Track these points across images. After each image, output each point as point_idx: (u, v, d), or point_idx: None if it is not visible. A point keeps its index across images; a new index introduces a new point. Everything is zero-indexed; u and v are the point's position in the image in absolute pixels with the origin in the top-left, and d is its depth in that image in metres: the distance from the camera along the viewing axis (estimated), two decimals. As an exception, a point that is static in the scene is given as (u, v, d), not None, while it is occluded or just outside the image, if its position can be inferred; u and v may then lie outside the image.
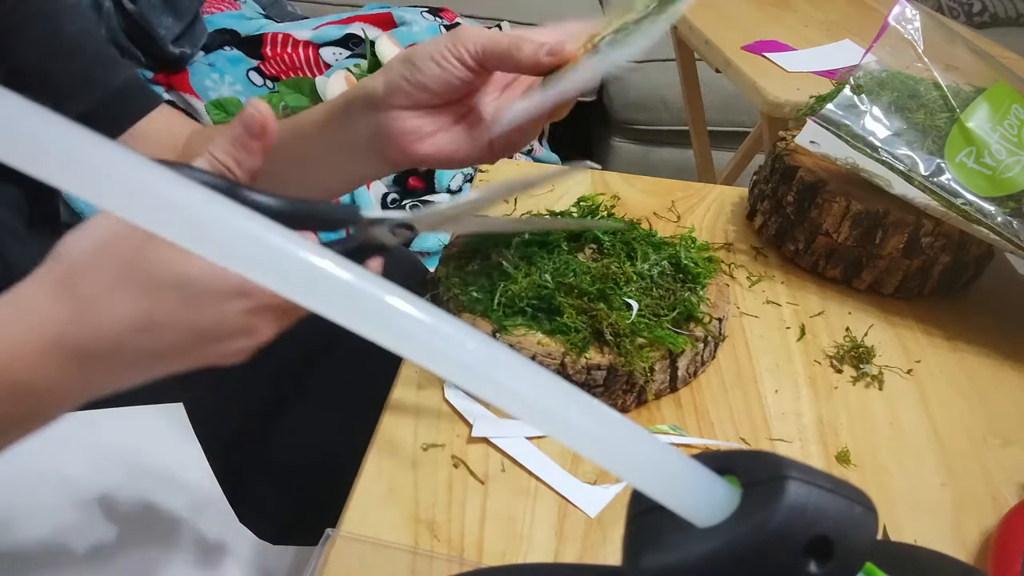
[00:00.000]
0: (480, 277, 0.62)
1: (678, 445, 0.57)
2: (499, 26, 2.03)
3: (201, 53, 1.73)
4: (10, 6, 0.61)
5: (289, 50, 1.72)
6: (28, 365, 0.37)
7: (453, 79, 0.52)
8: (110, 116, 0.66)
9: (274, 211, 0.43)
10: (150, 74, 1.67)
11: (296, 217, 0.45)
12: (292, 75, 1.69)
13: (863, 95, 0.71)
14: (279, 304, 0.40)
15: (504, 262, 0.62)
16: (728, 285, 0.66)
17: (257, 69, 1.70)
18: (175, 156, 0.68)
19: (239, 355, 0.42)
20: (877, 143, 0.69)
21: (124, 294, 0.37)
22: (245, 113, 0.41)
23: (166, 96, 1.55)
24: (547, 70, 0.53)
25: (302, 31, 1.75)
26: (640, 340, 0.57)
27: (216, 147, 0.42)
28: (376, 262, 0.47)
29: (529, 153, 1.68)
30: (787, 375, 0.65)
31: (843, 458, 0.58)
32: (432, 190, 1.47)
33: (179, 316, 0.38)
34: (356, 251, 0.48)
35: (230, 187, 0.41)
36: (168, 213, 0.25)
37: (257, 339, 0.41)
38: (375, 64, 1.63)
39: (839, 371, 0.66)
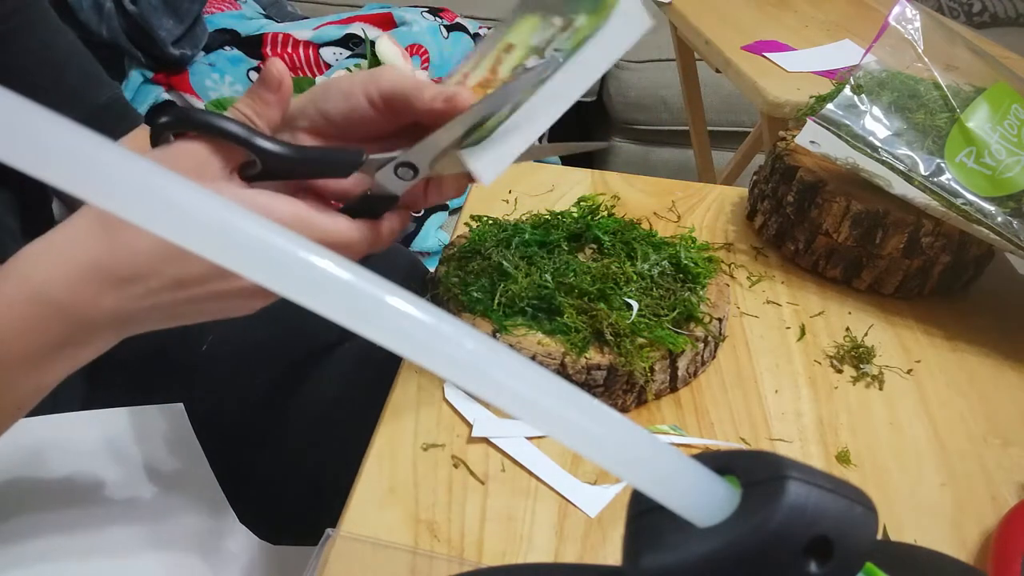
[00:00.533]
0: (480, 277, 0.62)
1: (678, 445, 0.57)
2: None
3: (201, 53, 1.73)
4: (8, 10, 0.61)
5: (289, 50, 1.72)
6: (66, 285, 0.40)
7: (355, 114, 0.51)
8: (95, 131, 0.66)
9: (284, 157, 0.46)
10: (151, 73, 1.68)
11: (306, 162, 0.47)
12: (292, 75, 1.69)
13: (863, 95, 0.71)
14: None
15: (504, 262, 0.62)
16: (728, 285, 0.66)
17: (257, 69, 1.70)
18: None
19: (256, 297, 0.44)
20: (877, 143, 0.69)
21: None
22: (264, 70, 0.47)
23: (166, 96, 1.55)
24: (442, 117, 0.50)
25: (302, 31, 1.75)
26: (640, 340, 0.57)
27: (240, 101, 0.47)
28: (394, 219, 0.50)
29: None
30: (787, 375, 0.65)
31: (843, 458, 0.58)
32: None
33: None
34: (365, 203, 0.49)
35: (248, 132, 0.45)
36: (167, 212, 0.25)
37: None
38: (375, 64, 1.63)
39: (839, 371, 0.66)
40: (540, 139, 0.53)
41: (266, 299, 0.46)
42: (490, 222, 0.69)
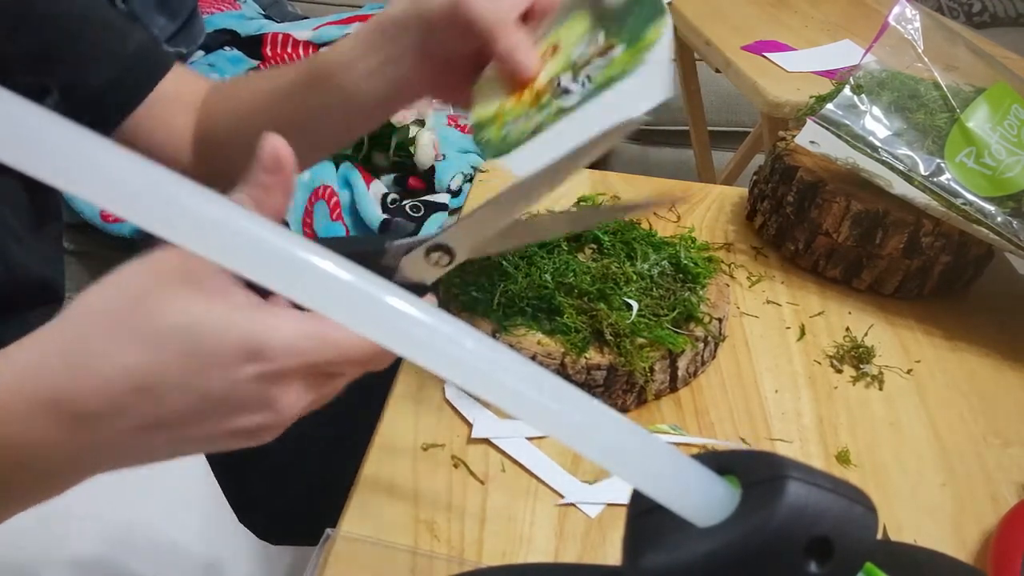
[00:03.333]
0: (480, 277, 0.62)
1: (678, 445, 0.57)
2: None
3: (201, 53, 1.73)
4: None
5: (289, 50, 1.72)
6: (19, 419, 0.34)
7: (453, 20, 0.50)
8: (129, 85, 0.65)
9: None
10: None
11: None
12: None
13: (863, 95, 0.71)
14: (303, 370, 0.35)
15: (504, 262, 0.62)
16: (728, 285, 0.66)
17: (257, 69, 1.70)
18: (195, 116, 0.68)
19: (260, 434, 0.37)
20: (877, 143, 0.69)
21: (122, 346, 0.33)
22: (260, 150, 0.38)
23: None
24: (503, 69, 0.51)
25: (302, 31, 1.75)
26: (640, 340, 0.57)
27: (239, 189, 0.39)
28: (430, 297, 0.42)
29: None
30: (787, 375, 0.65)
31: (843, 458, 0.58)
32: (432, 190, 1.47)
33: (182, 375, 0.33)
34: None
35: None
36: (167, 213, 0.25)
37: (278, 415, 0.36)
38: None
39: (839, 371, 0.66)
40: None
41: (268, 436, 0.38)
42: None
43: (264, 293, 0.36)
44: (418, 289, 0.42)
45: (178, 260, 0.34)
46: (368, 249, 0.41)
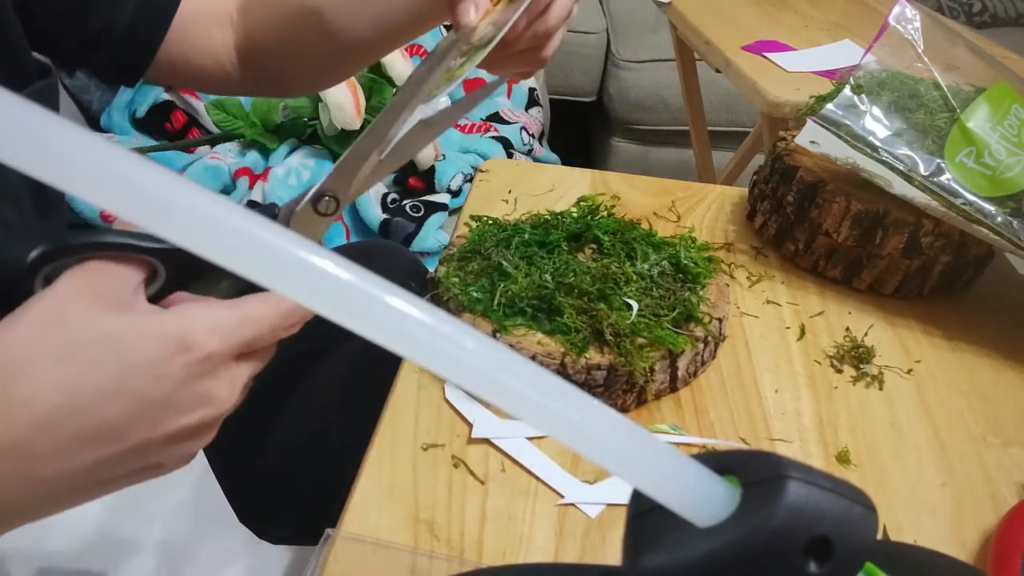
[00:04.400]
0: (480, 277, 0.62)
1: (678, 445, 0.57)
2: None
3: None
4: None
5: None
6: None
7: None
8: (151, 15, 0.64)
9: (183, 251, 0.38)
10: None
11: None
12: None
13: (863, 95, 0.71)
14: (230, 353, 0.34)
15: (504, 262, 0.62)
16: (728, 285, 0.66)
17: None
18: (231, 28, 0.67)
19: (200, 434, 0.35)
20: (877, 143, 0.69)
21: (42, 366, 0.31)
22: None
23: (165, 95, 1.55)
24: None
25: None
26: (640, 340, 0.57)
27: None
28: None
29: (529, 153, 1.68)
30: (787, 375, 0.65)
31: (843, 458, 0.58)
32: (432, 190, 1.47)
33: (111, 381, 0.32)
34: None
35: (133, 236, 0.36)
36: (167, 213, 0.25)
37: (216, 408, 0.35)
38: (375, 64, 1.63)
39: (839, 371, 0.66)
40: (539, 138, 0.51)
41: (208, 436, 0.37)
42: (490, 222, 0.69)
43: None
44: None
45: (81, 281, 0.33)
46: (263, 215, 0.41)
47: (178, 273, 0.36)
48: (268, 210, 0.41)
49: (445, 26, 0.64)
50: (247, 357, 0.36)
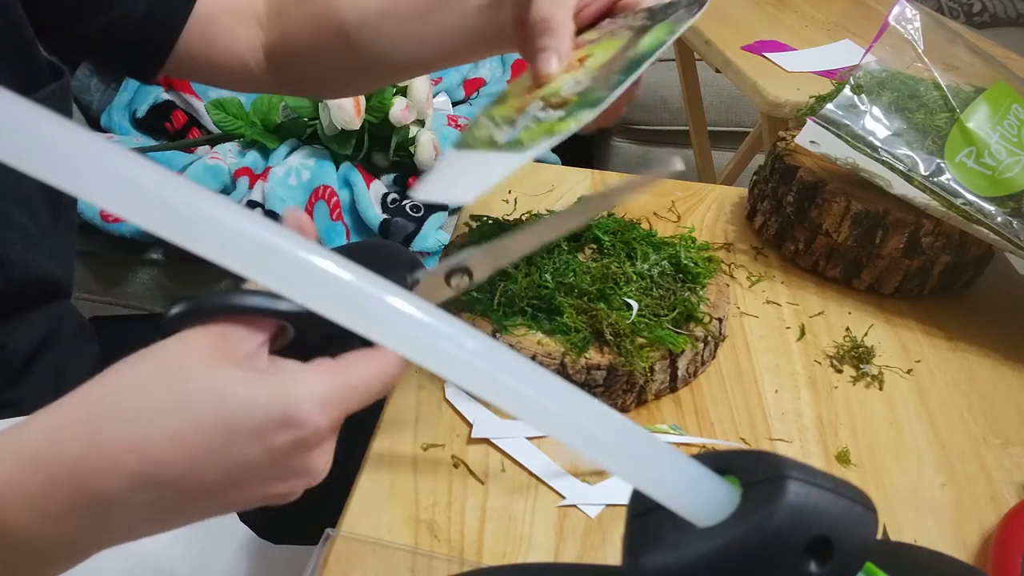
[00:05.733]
0: (480, 277, 0.62)
1: (678, 445, 0.57)
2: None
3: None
4: None
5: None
6: (27, 505, 0.32)
7: None
8: (169, 8, 0.64)
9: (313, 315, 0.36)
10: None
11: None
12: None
13: (863, 95, 0.71)
14: (334, 427, 0.35)
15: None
16: (728, 285, 0.66)
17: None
18: (258, 29, 0.67)
19: (291, 496, 0.37)
20: (877, 143, 0.69)
21: (156, 411, 0.32)
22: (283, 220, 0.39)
23: (165, 95, 1.55)
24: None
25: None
26: (640, 340, 0.57)
27: None
28: None
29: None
30: (787, 375, 0.65)
31: (843, 458, 0.58)
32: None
33: (218, 440, 0.32)
34: None
35: (269, 298, 0.36)
36: (166, 213, 0.25)
37: (312, 479, 0.36)
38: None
39: (839, 371, 0.66)
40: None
41: (298, 494, 0.38)
42: (490, 222, 0.69)
43: (302, 355, 0.36)
44: None
45: (211, 335, 0.34)
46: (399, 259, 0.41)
47: (311, 330, 0.36)
48: (400, 278, 0.40)
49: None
50: (341, 421, 0.36)
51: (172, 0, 0.64)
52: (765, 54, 1.32)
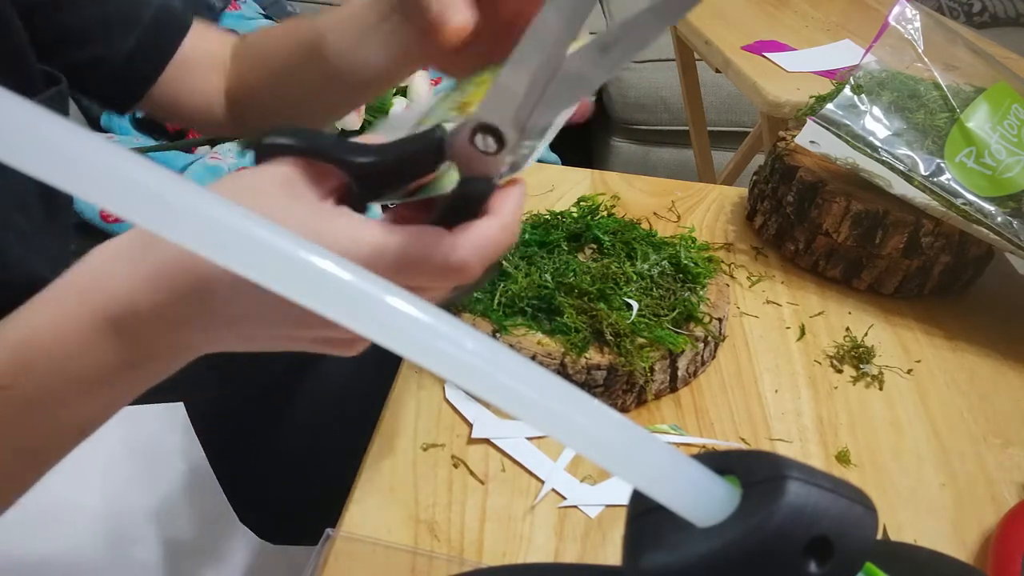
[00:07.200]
0: (480, 277, 0.62)
1: (678, 445, 0.57)
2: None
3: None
4: None
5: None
6: (128, 301, 0.35)
7: None
8: (150, 51, 0.64)
9: (368, 164, 0.36)
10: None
11: (390, 162, 0.36)
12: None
13: (863, 95, 0.71)
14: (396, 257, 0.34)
15: (504, 262, 0.62)
16: (728, 285, 0.66)
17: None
18: (224, 76, 0.67)
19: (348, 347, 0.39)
20: (877, 143, 0.69)
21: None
22: None
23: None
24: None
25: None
26: (640, 340, 0.57)
27: None
28: (514, 192, 0.36)
29: (529, 153, 1.68)
30: (787, 375, 0.65)
31: (843, 458, 0.58)
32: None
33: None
34: (458, 203, 0.35)
35: (336, 143, 0.35)
36: (166, 212, 0.25)
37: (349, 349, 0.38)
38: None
39: (839, 371, 0.66)
40: None
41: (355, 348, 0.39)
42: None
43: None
44: (481, 188, 0.35)
45: (278, 171, 0.35)
46: (423, 147, 0.35)
47: (369, 182, 0.36)
48: (429, 139, 0.35)
49: None
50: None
51: (155, 45, 0.65)
52: (765, 54, 1.32)
